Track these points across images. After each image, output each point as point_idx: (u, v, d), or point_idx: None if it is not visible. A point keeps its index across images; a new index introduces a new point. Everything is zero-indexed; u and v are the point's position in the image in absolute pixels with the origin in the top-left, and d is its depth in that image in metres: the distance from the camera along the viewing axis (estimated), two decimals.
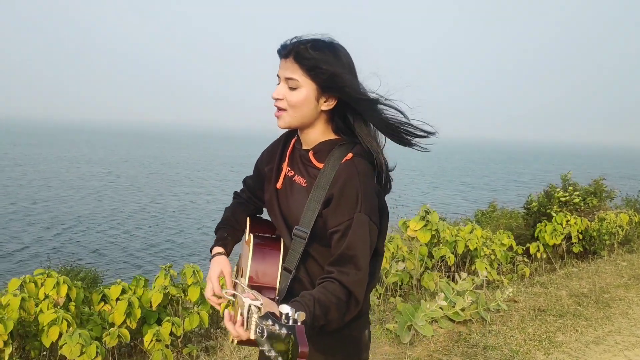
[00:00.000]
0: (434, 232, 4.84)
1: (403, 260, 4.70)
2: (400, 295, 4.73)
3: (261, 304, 1.07)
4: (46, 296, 3.70)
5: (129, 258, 14.65)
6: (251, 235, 1.50)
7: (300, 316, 0.98)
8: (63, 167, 39.02)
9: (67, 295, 3.77)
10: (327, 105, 1.38)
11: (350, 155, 1.36)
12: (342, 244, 1.30)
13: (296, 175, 1.47)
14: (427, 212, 4.91)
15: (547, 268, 6.40)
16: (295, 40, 1.37)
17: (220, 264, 1.53)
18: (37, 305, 3.66)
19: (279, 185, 1.50)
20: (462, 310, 4.12)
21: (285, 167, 1.51)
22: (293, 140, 1.53)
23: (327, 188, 1.35)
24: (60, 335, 3.47)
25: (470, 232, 5.84)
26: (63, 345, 3.02)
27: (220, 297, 1.51)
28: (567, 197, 8.10)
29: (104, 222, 19.42)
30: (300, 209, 1.39)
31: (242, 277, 1.49)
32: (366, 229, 1.31)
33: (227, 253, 1.59)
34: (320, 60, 1.33)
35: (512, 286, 4.76)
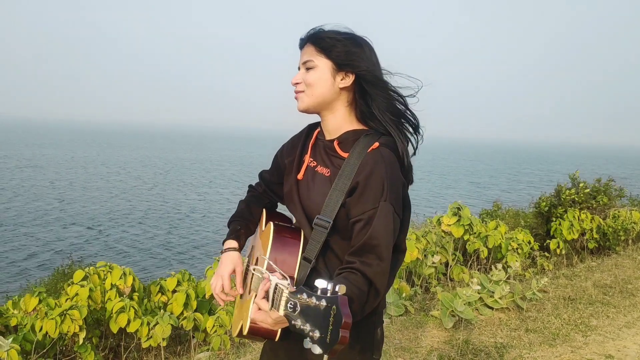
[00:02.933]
0: (466, 227, 5.07)
1: (439, 254, 4.94)
2: (435, 286, 4.97)
3: (288, 284, 1.04)
4: (112, 286, 3.90)
5: (133, 257, 14.81)
6: (271, 223, 1.46)
7: (341, 289, 0.94)
8: (78, 168, 38.91)
9: (132, 285, 3.98)
10: (344, 82, 1.37)
11: (376, 144, 1.33)
12: (365, 232, 1.25)
13: (319, 166, 1.44)
14: (459, 208, 5.14)
15: (565, 263, 6.66)
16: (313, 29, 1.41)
17: (233, 262, 1.51)
18: (103, 295, 3.87)
19: (300, 176, 1.47)
20: (500, 298, 4.35)
21: (307, 159, 1.48)
22: (316, 132, 1.51)
23: (351, 177, 1.30)
24: (129, 321, 3.68)
25: (495, 229, 6.10)
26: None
27: (228, 295, 1.50)
28: (575, 196, 8.37)
29: (125, 220, 19.62)
30: (321, 198, 1.36)
31: (257, 264, 1.48)
32: (390, 219, 1.26)
33: (240, 247, 1.56)
34: (335, 39, 1.36)
35: (545, 276, 5.00)
